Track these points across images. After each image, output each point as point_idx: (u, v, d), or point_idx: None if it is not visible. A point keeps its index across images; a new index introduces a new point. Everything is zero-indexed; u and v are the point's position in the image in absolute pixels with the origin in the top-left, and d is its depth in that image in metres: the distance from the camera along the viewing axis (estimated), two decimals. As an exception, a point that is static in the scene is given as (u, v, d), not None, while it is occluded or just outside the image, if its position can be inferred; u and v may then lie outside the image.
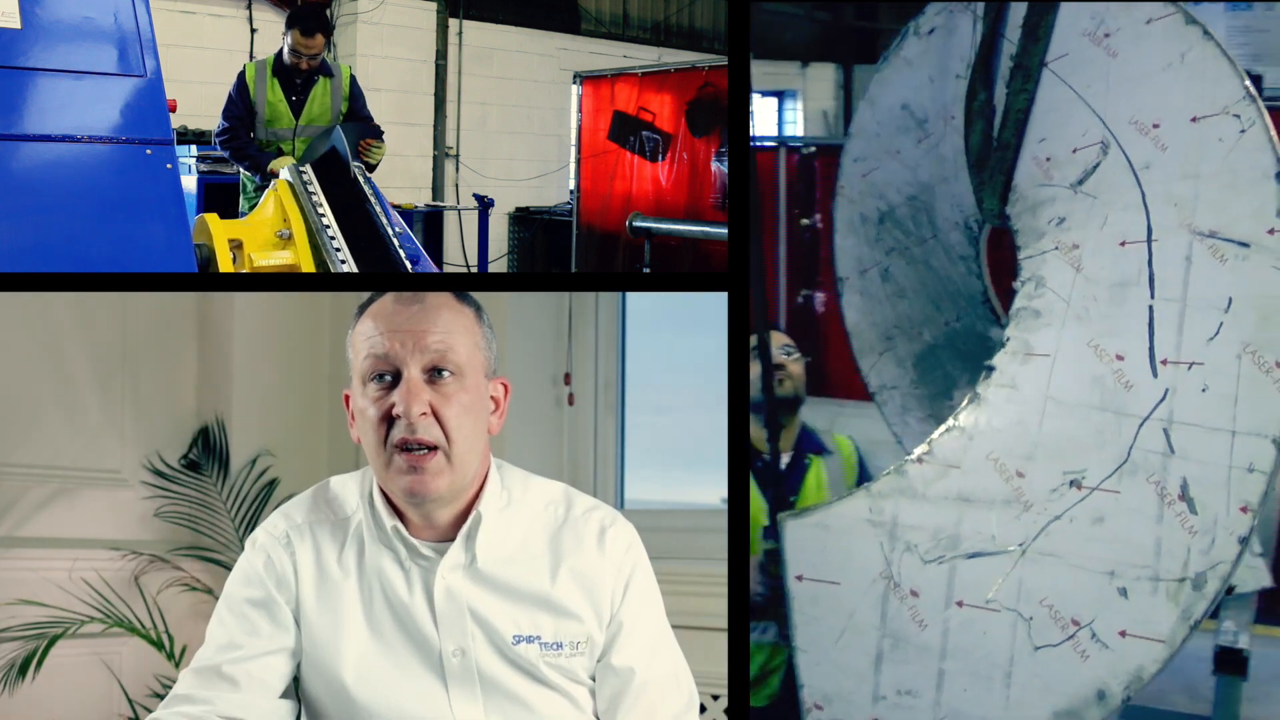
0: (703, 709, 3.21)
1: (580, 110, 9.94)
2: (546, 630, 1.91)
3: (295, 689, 1.99)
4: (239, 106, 5.49)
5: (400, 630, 1.91)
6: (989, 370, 2.56)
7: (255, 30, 10.34)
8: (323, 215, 4.04)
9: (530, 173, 12.31)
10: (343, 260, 3.86)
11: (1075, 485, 2.41)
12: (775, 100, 13.75)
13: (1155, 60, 2.53)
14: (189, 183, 7.97)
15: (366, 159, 4.66)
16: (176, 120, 8.10)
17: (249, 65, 5.57)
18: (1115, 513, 2.36)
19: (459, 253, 10.26)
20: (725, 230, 7.54)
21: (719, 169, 8.67)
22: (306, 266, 3.96)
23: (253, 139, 5.55)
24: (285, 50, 5.46)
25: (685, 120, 8.94)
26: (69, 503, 3.93)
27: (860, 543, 2.53)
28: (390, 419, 1.83)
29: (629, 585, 1.96)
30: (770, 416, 2.93)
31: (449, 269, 10.54)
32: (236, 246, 3.95)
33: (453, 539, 1.92)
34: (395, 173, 10.29)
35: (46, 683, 3.65)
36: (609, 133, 9.54)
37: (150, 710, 3.22)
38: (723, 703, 3.47)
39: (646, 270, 8.46)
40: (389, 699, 1.89)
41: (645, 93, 9.34)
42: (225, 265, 3.89)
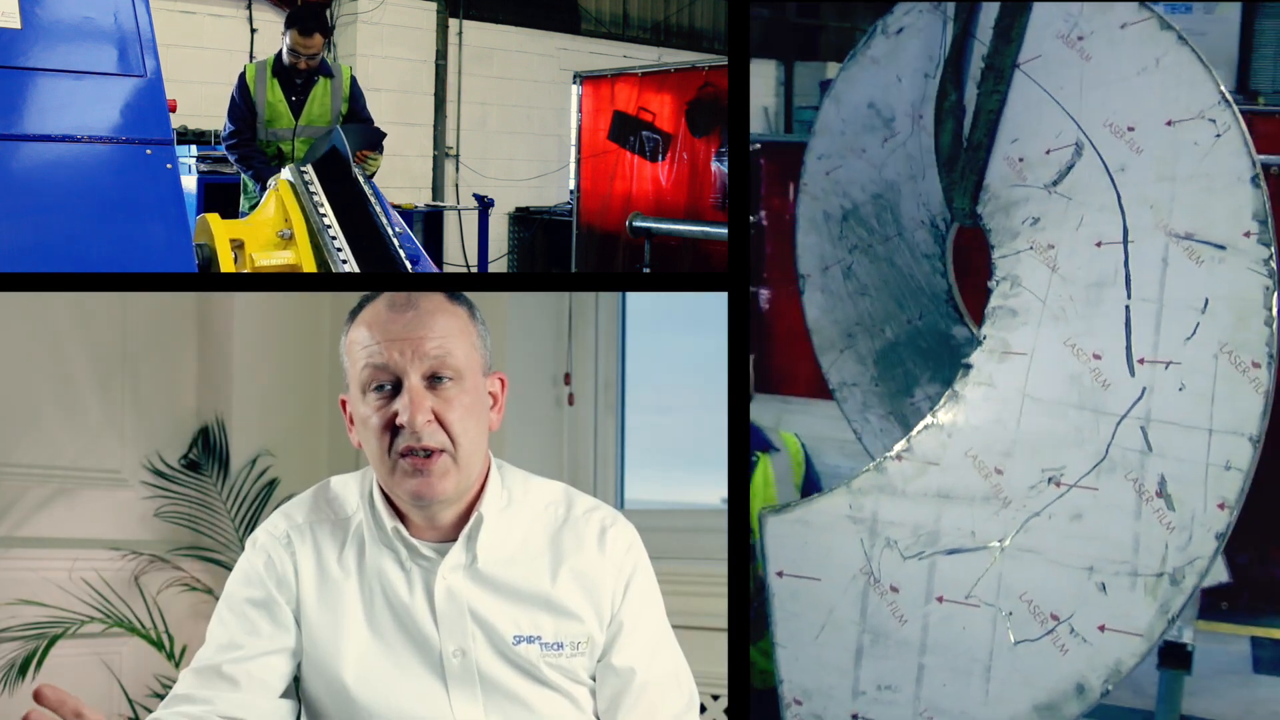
0: (703, 709, 3.20)
1: (580, 110, 9.94)
2: (547, 630, 1.91)
3: (295, 689, 1.99)
4: (242, 108, 5.48)
5: (400, 630, 1.91)
6: (966, 368, 2.58)
7: (255, 30, 10.35)
8: (324, 215, 4.04)
9: (530, 173, 12.31)
10: (344, 260, 3.86)
11: (1054, 482, 2.43)
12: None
13: (1130, 64, 2.55)
14: (189, 183, 7.97)
15: (363, 169, 4.67)
16: (176, 120, 8.11)
17: (249, 66, 5.57)
18: (1094, 509, 2.39)
19: (459, 253, 10.26)
20: (725, 230, 7.55)
21: (719, 169, 8.67)
22: (308, 266, 3.96)
23: (256, 143, 5.54)
24: (284, 50, 5.46)
25: (685, 120, 8.94)
26: (69, 503, 3.93)
27: (840, 539, 2.55)
28: (394, 428, 1.83)
29: (629, 585, 1.96)
30: None
31: (449, 269, 10.54)
32: (238, 246, 3.95)
33: (453, 539, 1.92)
34: (395, 173, 10.29)
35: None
36: (609, 133, 9.54)
37: (150, 710, 3.22)
38: (723, 703, 3.47)
39: (646, 270, 8.46)
40: (389, 699, 1.89)
41: (645, 93, 9.34)
42: (227, 265, 3.89)
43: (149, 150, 2.75)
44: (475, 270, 10.13)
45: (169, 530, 4.11)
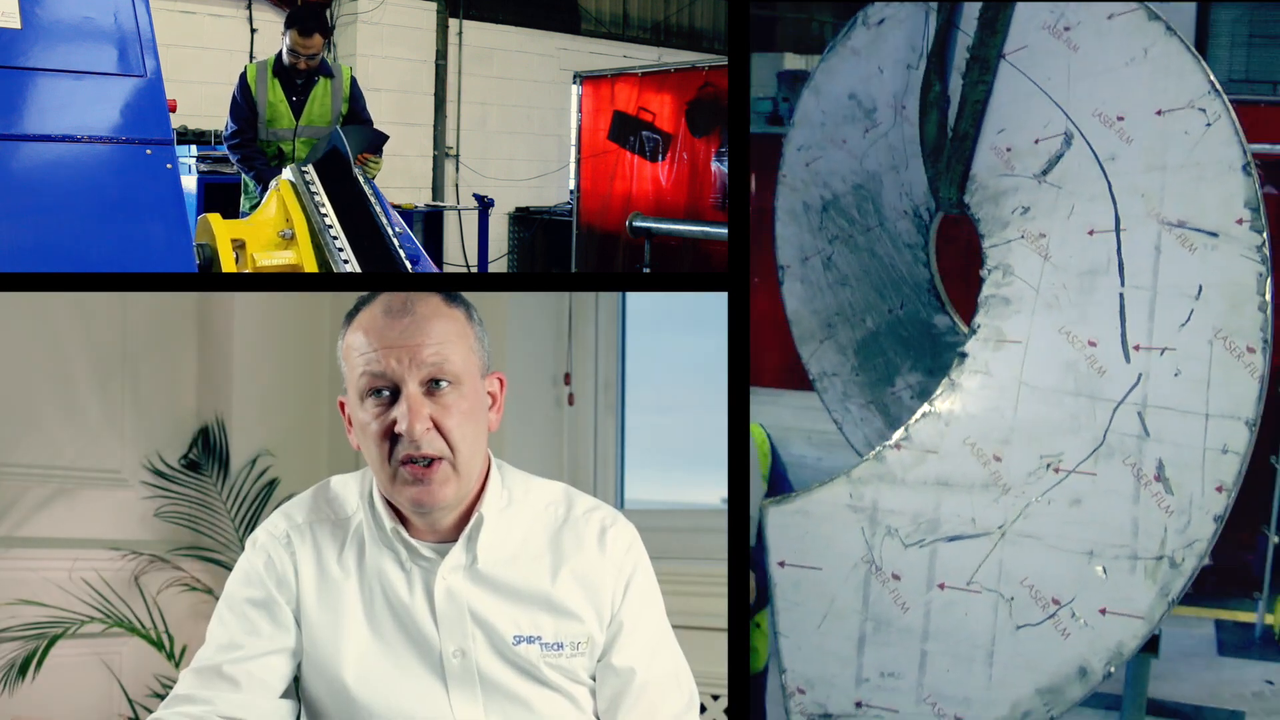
0: (703, 709, 3.20)
1: (580, 110, 9.94)
2: (547, 630, 1.91)
3: (295, 689, 1.99)
4: (244, 108, 5.48)
5: (400, 631, 1.91)
6: (962, 356, 2.59)
7: (255, 30, 10.35)
8: (325, 215, 4.04)
9: (530, 173, 12.31)
10: (345, 260, 3.86)
11: (1052, 468, 2.44)
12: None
13: (1118, 55, 2.56)
14: (189, 183, 7.97)
15: (364, 171, 4.67)
16: (176, 120, 8.11)
17: (250, 66, 5.57)
18: (1092, 494, 2.41)
19: (459, 253, 10.26)
20: (725, 230, 7.55)
21: (719, 169, 8.67)
22: (309, 266, 3.96)
23: (258, 143, 5.54)
24: (284, 50, 5.47)
25: (685, 120, 8.94)
26: (69, 503, 3.93)
27: (841, 528, 2.57)
28: (393, 435, 1.83)
29: (629, 585, 1.96)
30: None
31: (449, 269, 10.54)
32: (239, 246, 3.95)
33: (453, 540, 1.92)
34: (395, 173, 10.29)
35: (46, 683, 3.65)
36: (609, 133, 9.54)
37: (150, 710, 3.22)
38: (723, 703, 3.47)
39: (646, 270, 8.46)
40: (389, 699, 1.89)
41: (645, 93, 9.34)
42: (228, 265, 3.89)
43: (149, 150, 2.75)
44: (475, 270, 10.12)
45: (169, 530, 4.10)
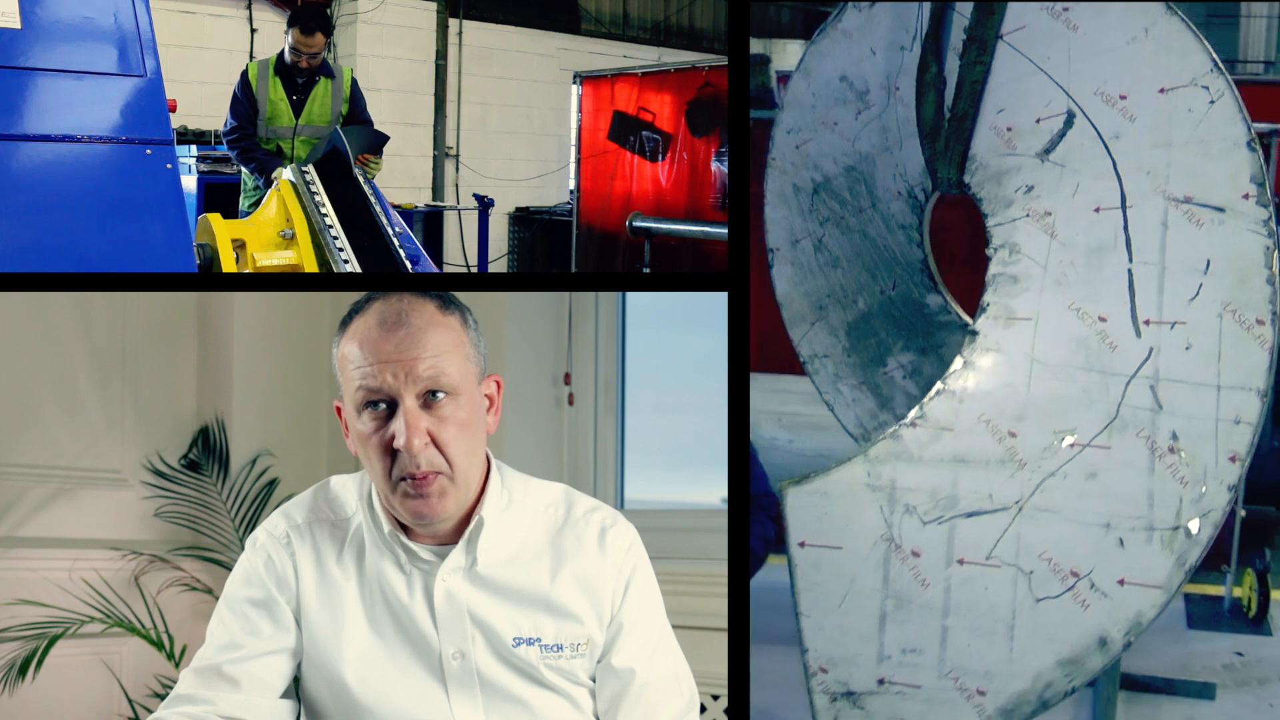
0: (703, 709, 3.20)
1: (580, 110, 9.95)
2: (547, 632, 1.90)
3: (295, 689, 1.99)
4: (245, 105, 5.50)
5: (400, 632, 1.91)
6: (973, 334, 2.60)
7: (255, 30, 10.34)
8: (325, 215, 4.05)
9: (530, 173, 12.31)
10: (346, 260, 3.86)
11: (1067, 443, 2.47)
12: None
13: (1118, 34, 2.58)
14: (189, 183, 7.97)
15: (364, 172, 4.68)
16: (176, 120, 8.11)
17: (252, 64, 5.59)
18: (1108, 467, 2.44)
19: (459, 253, 10.26)
20: (725, 230, 7.55)
21: (719, 169, 8.67)
22: (309, 266, 3.96)
23: (260, 145, 5.55)
24: (286, 50, 5.48)
25: (685, 120, 8.94)
26: (69, 503, 3.93)
27: (860, 507, 2.59)
28: (392, 450, 1.82)
29: (629, 586, 1.96)
30: None
31: (449, 269, 10.54)
32: (239, 246, 3.95)
33: (453, 542, 1.92)
34: (395, 173, 10.29)
35: (46, 683, 3.65)
36: (609, 133, 9.54)
37: (150, 710, 3.22)
38: (723, 703, 3.47)
39: (646, 270, 8.46)
40: (389, 701, 1.89)
41: (645, 93, 9.34)
42: (228, 265, 3.89)
43: (149, 150, 2.75)
44: (475, 270, 10.12)
45: (169, 530, 4.10)
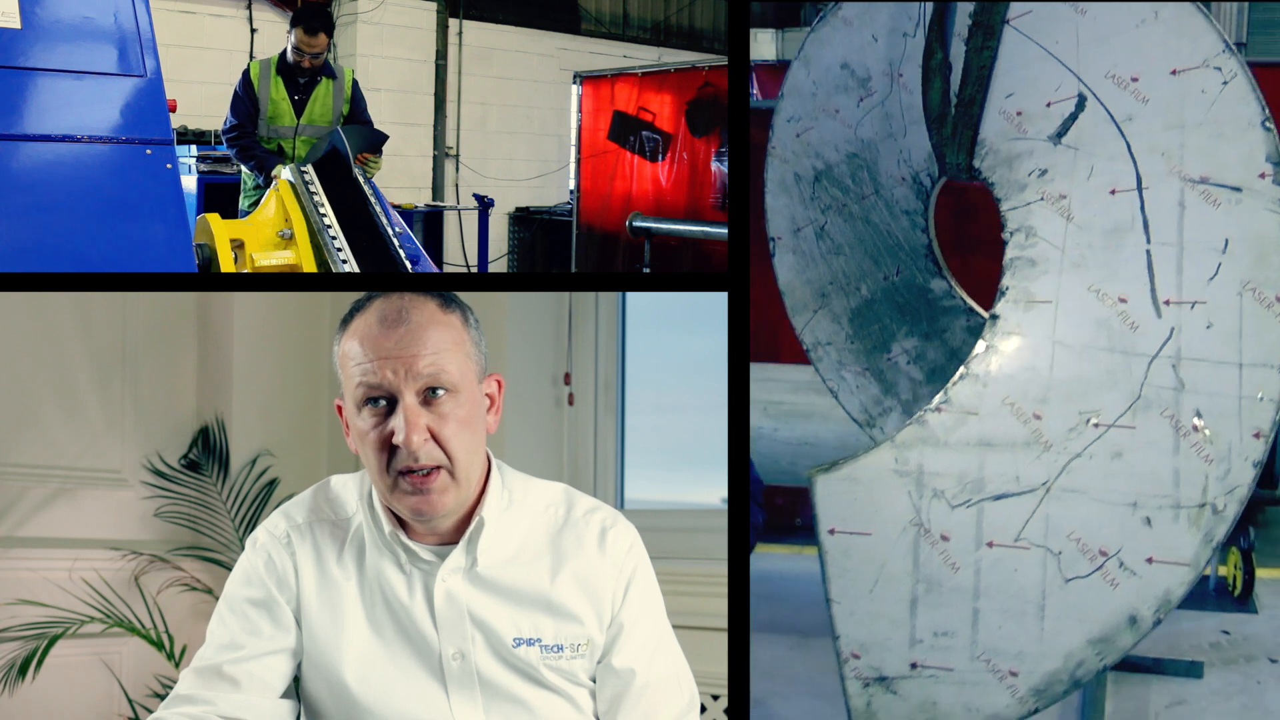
0: (703, 709, 3.21)
1: (580, 110, 9.95)
2: (547, 632, 1.90)
3: (296, 689, 1.99)
4: (246, 103, 5.50)
5: (400, 633, 1.91)
6: (994, 318, 2.62)
7: (255, 30, 10.34)
8: (324, 215, 4.05)
9: (530, 173, 12.31)
10: (344, 260, 3.86)
11: (1092, 423, 2.49)
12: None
13: (1128, 17, 2.59)
14: (189, 183, 7.97)
15: (364, 171, 4.69)
16: (176, 120, 8.10)
17: (254, 63, 5.60)
18: (1133, 447, 2.46)
19: (459, 253, 10.26)
20: (725, 230, 7.55)
21: (719, 169, 8.67)
22: (308, 266, 3.97)
23: (259, 143, 5.56)
24: (288, 49, 5.48)
25: (685, 120, 8.94)
26: (69, 503, 3.93)
27: (888, 493, 2.61)
28: (391, 446, 1.82)
29: (630, 586, 1.95)
30: None
31: (449, 269, 10.54)
32: (238, 246, 3.95)
33: (453, 543, 1.92)
34: (395, 173, 10.30)
35: (46, 683, 3.65)
36: (609, 133, 9.54)
37: (150, 710, 3.22)
38: (723, 703, 3.47)
39: (646, 270, 8.46)
40: (390, 701, 1.89)
41: (645, 93, 9.34)
42: (227, 265, 3.89)
43: (149, 150, 2.75)
44: (475, 270, 10.12)
45: (169, 530, 4.10)
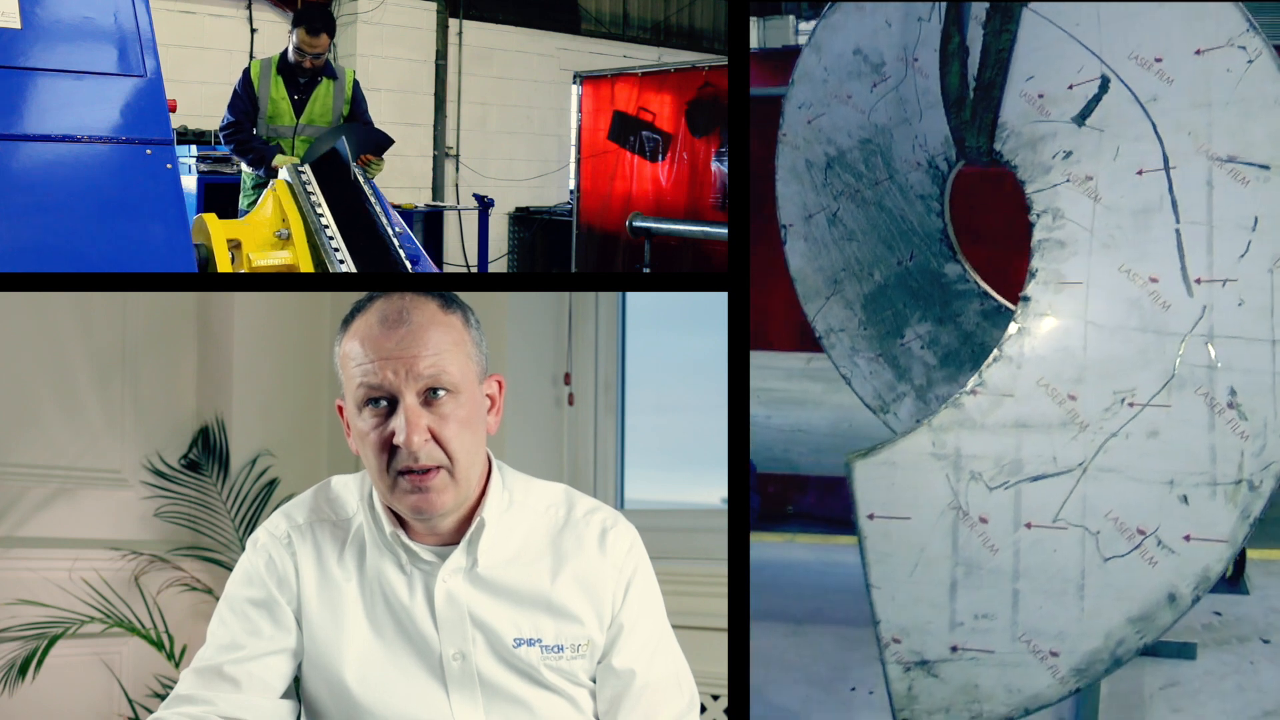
0: (703, 709, 3.21)
1: (580, 110, 9.95)
2: (547, 633, 1.90)
3: (296, 689, 1.99)
4: (244, 101, 5.50)
5: (401, 633, 1.91)
6: (1025, 300, 2.64)
7: (255, 30, 10.34)
8: (321, 215, 4.05)
9: (530, 173, 12.31)
10: (341, 260, 3.86)
11: (1127, 403, 2.51)
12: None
13: None
14: (189, 183, 7.98)
15: (365, 172, 4.69)
16: (176, 120, 8.11)
17: (254, 62, 5.60)
18: (1168, 425, 2.48)
19: (459, 253, 10.26)
20: (725, 230, 7.55)
21: (719, 169, 8.67)
22: (305, 266, 3.96)
23: (256, 135, 5.56)
24: (290, 49, 5.48)
25: (685, 120, 8.95)
26: (69, 503, 3.93)
27: (926, 476, 2.62)
28: (391, 447, 1.82)
29: (630, 587, 1.96)
30: None
31: (449, 269, 10.54)
32: (235, 246, 3.95)
33: (454, 543, 1.92)
34: (395, 173, 10.29)
35: (46, 683, 3.65)
36: (609, 133, 9.54)
37: (151, 710, 3.22)
38: (723, 703, 3.47)
39: (646, 270, 8.46)
40: (390, 701, 1.89)
41: (645, 93, 9.34)
42: (224, 265, 3.89)
43: (149, 150, 2.75)
44: (475, 270, 10.13)
45: (169, 530, 4.10)
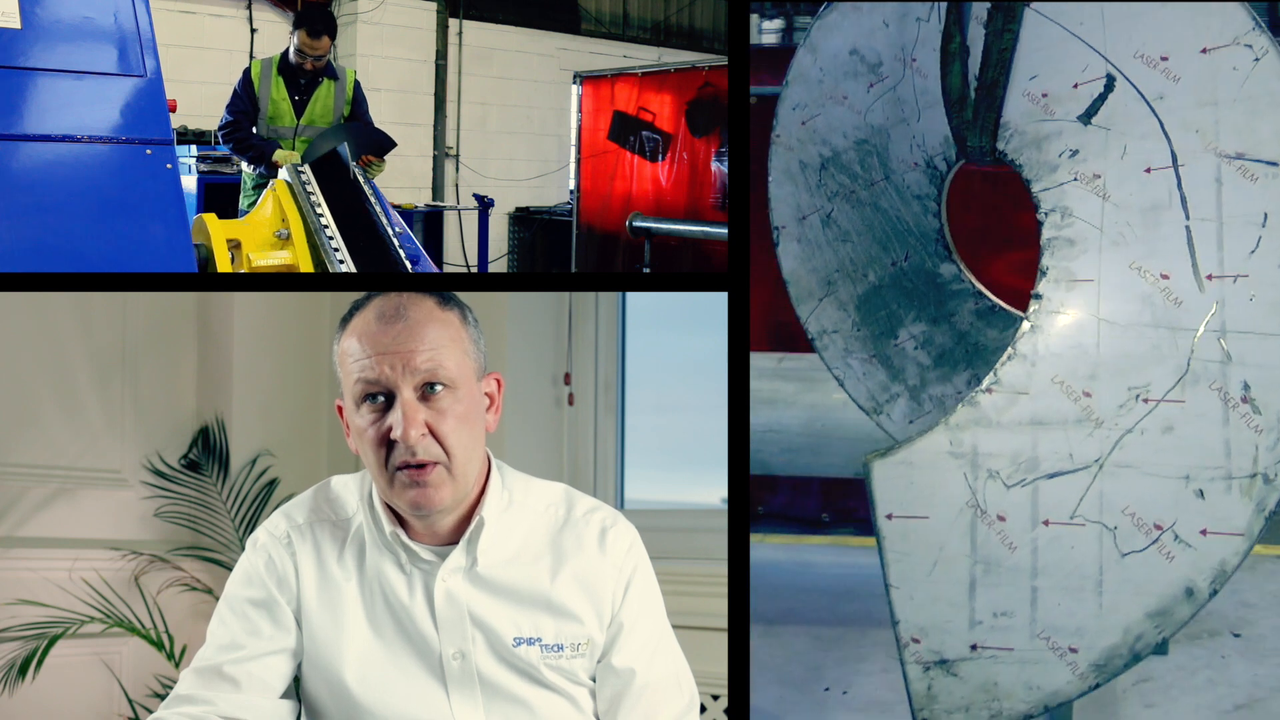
0: (703, 709, 3.21)
1: (580, 110, 9.95)
2: (547, 632, 1.90)
3: (295, 689, 1.99)
4: (244, 101, 5.51)
5: (400, 633, 1.91)
6: (1036, 297, 2.67)
7: (255, 30, 10.35)
8: (321, 215, 4.05)
9: (530, 173, 12.32)
10: (341, 260, 3.87)
11: (1141, 399, 2.53)
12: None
13: None
14: (189, 183, 7.98)
15: (366, 173, 4.69)
16: (176, 120, 8.11)
17: (255, 62, 5.60)
18: (1183, 421, 2.50)
19: (459, 253, 10.26)
20: (725, 230, 7.55)
21: (719, 169, 8.68)
22: (305, 266, 3.97)
23: (254, 133, 5.56)
24: (291, 50, 5.48)
25: (685, 120, 8.95)
26: (69, 503, 3.93)
27: (944, 475, 2.63)
28: (389, 442, 1.83)
29: (629, 586, 1.96)
30: None
31: (449, 269, 10.55)
32: (235, 246, 3.96)
33: (453, 542, 1.92)
34: (395, 173, 10.28)
35: (46, 683, 3.65)
36: (609, 133, 9.54)
37: (151, 710, 3.22)
38: (723, 703, 3.47)
39: (646, 270, 8.46)
40: (390, 701, 1.89)
41: (645, 93, 9.35)
42: (224, 265, 3.90)
43: (149, 150, 2.75)
44: (475, 270, 10.13)
45: (169, 530, 4.11)
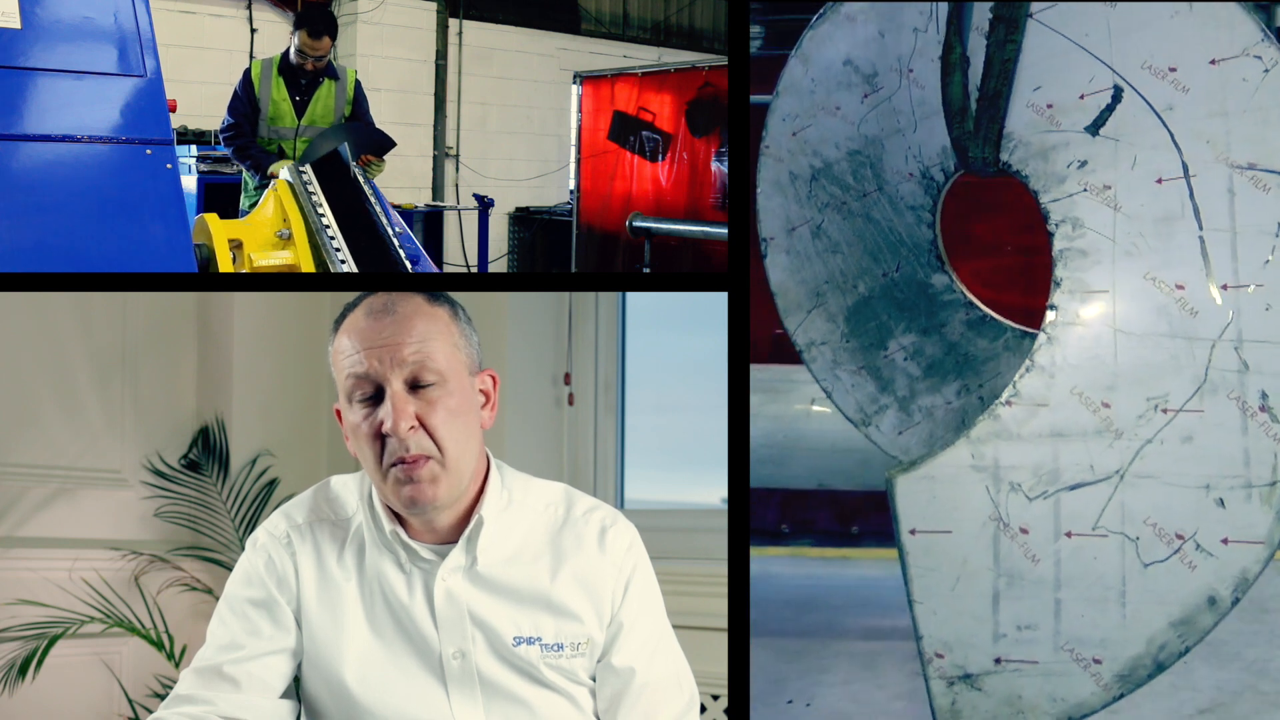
0: (703, 709, 3.21)
1: (580, 110, 9.95)
2: (547, 631, 1.91)
3: (296, 689, 1.99)
4: (245, 103, 5.50)
5: (400, 632, 1.91)
6: (1052, 309, 2.67)
7: (255, 30, 10.35)
8: (322, 215, 4.05)
9: (530, 173, 12.31)
10: (342, 260, 3.86)
11: (1160, 409, 2.53)
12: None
13: (1161, 7, 2.61)
14: (189, 183, 7.98)
15: (366, 173, 4.69)
16: (176, 120, 8.11)
17: (255, 63, 5.59)
18: (1202, 430, 2.50)
19: (459, 253, 10.26)
20: (725, 230, 7.55)
21: (719, 169, 8.68)
22: (306, 266, 3.97)
23: (255, 137, 5.56)
24: (292, 50, 5.48)
25: (685, 120, 8.95)
26: (69, 503, 3.93)
27: (966, 489, 2.63)
28: (382, 437, 1.83)
29: (629, 585, 1.96)
30: None
31: (449, 269, 10.55)
32: (236, 246, 3.95)
33: (453, 541, 1.92)
34: (395, 173, 10.29)
35: (46, 683, 3.65)
36: (609, 133, 9.54)
37: (151, 710, 3.22)
38: (723, 703, 3.47)
39: (646, 270, 8.46)
40: (390, 701, 1.89)
41: (645, 93, 9.35)
42: (225, 265, 3.89)
43: (149, 150, 2.75)
44: (475, 270, 10.13)
45: (169, 530, 4.11)
